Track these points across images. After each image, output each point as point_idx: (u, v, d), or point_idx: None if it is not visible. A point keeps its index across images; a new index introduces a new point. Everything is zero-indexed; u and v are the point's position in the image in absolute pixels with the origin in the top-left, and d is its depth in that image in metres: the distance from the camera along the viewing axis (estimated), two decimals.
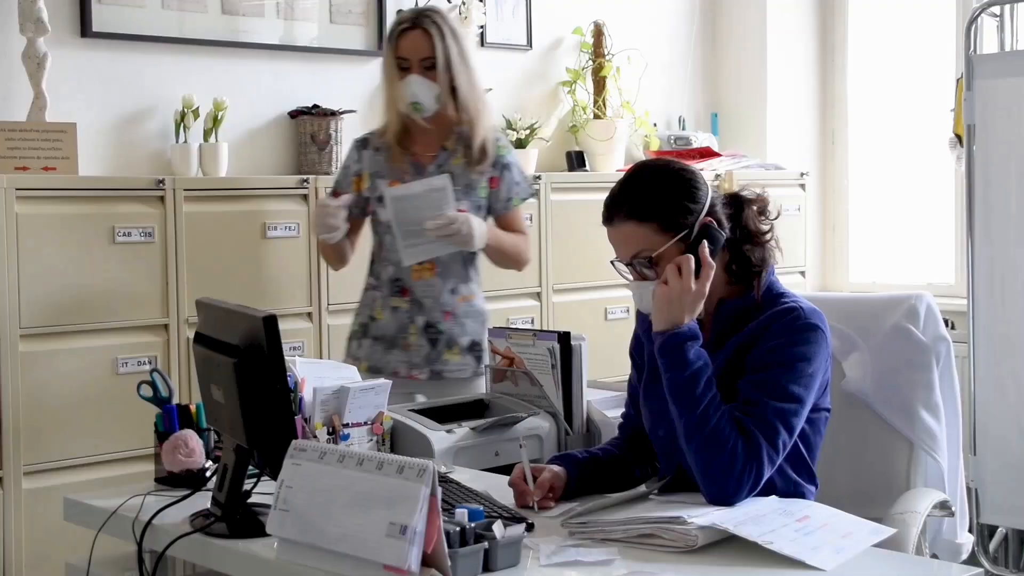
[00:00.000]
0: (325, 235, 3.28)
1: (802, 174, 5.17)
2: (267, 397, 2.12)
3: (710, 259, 2.24)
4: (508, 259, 3.40)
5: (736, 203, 2.36)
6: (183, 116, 3.77)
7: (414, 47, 3.26)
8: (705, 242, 2.24)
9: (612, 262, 2.33)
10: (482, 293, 3.40)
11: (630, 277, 2.31)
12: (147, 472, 2.62)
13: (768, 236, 2.35)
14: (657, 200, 2.26)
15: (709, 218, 2.27)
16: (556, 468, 2.33)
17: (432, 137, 3.34)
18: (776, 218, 2.39)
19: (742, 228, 2.33)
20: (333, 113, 4.05)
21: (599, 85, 4.84)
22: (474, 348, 3.33)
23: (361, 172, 3.37)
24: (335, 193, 3.39)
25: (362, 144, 3.42)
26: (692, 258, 2.22)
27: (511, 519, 2.07)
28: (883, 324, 2.75)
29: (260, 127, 4.05)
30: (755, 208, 2.36)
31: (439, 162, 3.32)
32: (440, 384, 3.28)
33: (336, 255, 3.43)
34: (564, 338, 2.95)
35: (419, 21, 3.28)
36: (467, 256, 3.32)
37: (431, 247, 3.22)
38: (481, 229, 3.24)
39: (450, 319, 3.31)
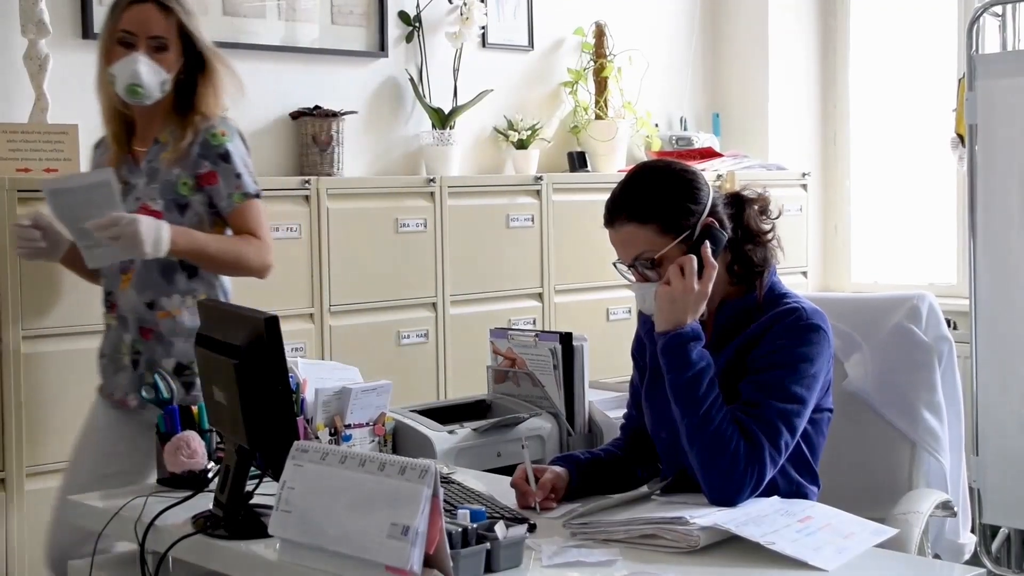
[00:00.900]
0: (23, 255, 2.98)
1: (804, 174, 5.17)
2: (269, 398, 2.12)
3: (712, 259, 2.24)
4: (224, 267, 2.89)
5: (737, 203, 2.36)
6: None
7: (145, 21, 2.83)
8: (707, 242, 2.24)
9: (614, 264, 2.33)
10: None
11: (632, 279, 2.31)
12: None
13: (770, 236, 2.36)
14: (658, 202, 2.25)
15: (711, 218, 2.27)
16: (558, 469, 2.33)
17: (149, 129, 2.92)
18: (777, 217, 2.39)
19: (743, 228, 2.33)
20: (335, 114, 4.05)
21: (600, 85, 4.84)
22: (183, 372, 2.85)
23: None
24: None
25: (96, 145, 3.08)
26: (694, 258, 2.22)
27: (513, 520, 2.07)
28: (885, 324, 2.75)
29: (261, 128, 4.05)
30: (756, 208, 2.36)
31: (149, 158, 2.89)
32: (153, 413, 2.68)
33: (81, 271, 3.03)
34: (566, 339, 2.95)
35: None
36: (168, 264, 2.85)
37: (107, 251, 2.77)
38: (155, 233, 2.71)
39: (151, 338, 2.87)
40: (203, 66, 2.88)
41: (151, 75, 2.81)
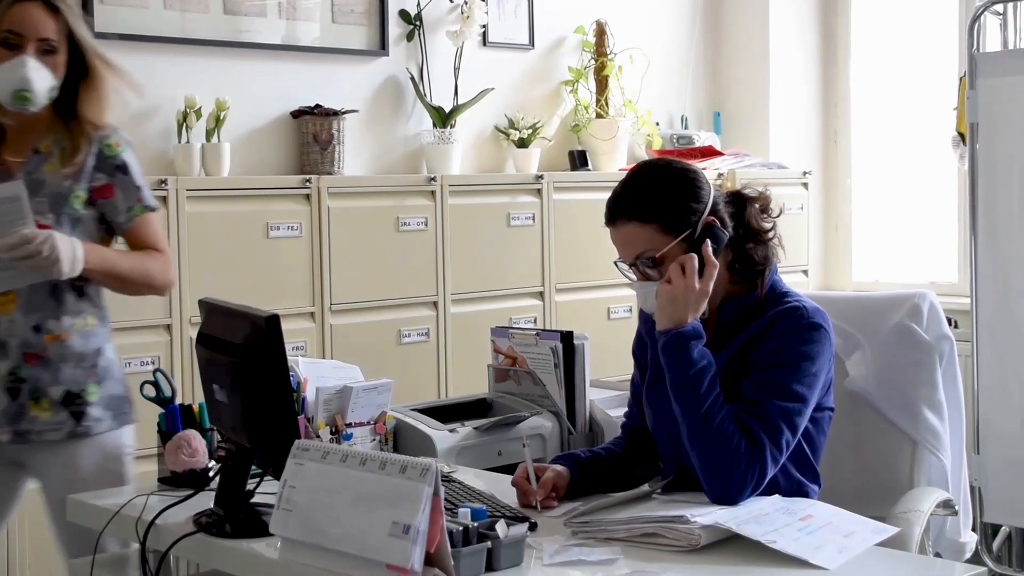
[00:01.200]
0: None
1: (805, 173, 5.17)
2: (270, 397, 2.12)
3: (713, 258, 2.24)
4: (131, 285, 2.63)
5: (738, 201, 2.35)
6: (185, 116, 3.77)
7: (33, 22, 2.53)
8: (708, 241, 2.24)
9: (616, 263, 2.33)
10: (99, 329, 2.62)
11: (633, 277, 2.31)
12: (150, 472, 2.62)
13: (771, 234, 2.35)
14: (659, 201, 2.25)
15: (712, 217, 2.27)
16: (559, 468, 2.33)
17: (25, 137, 2.60)
18: (778, 216, 2.39)
19: (744, 226, 2.33)
20: (335, 113, 4.05)
21: (601, 84, 4.84)
22: (73, 402, 2.56)
23: None
24: None
25: None
26: (695, 257, 2.22)
27: (514, 518, 2.07)
28: (886, 323, 2.75)
29: (262, 127, 4.05)
30: (757, 206, 2.36)
31: (29, 169, 2.56)
32: (28, 448, 2.58)
33: None
34: (567, 337, 2.95)
35: None
36: (57, 283, 2.53)
37: (13, 275, 2.48)
38: (72, 251, 2.47)
39: (36, 364, 2.54)
40: (86, 72, 2.61)
41: (41, 80, 2.52)
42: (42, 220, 2.51)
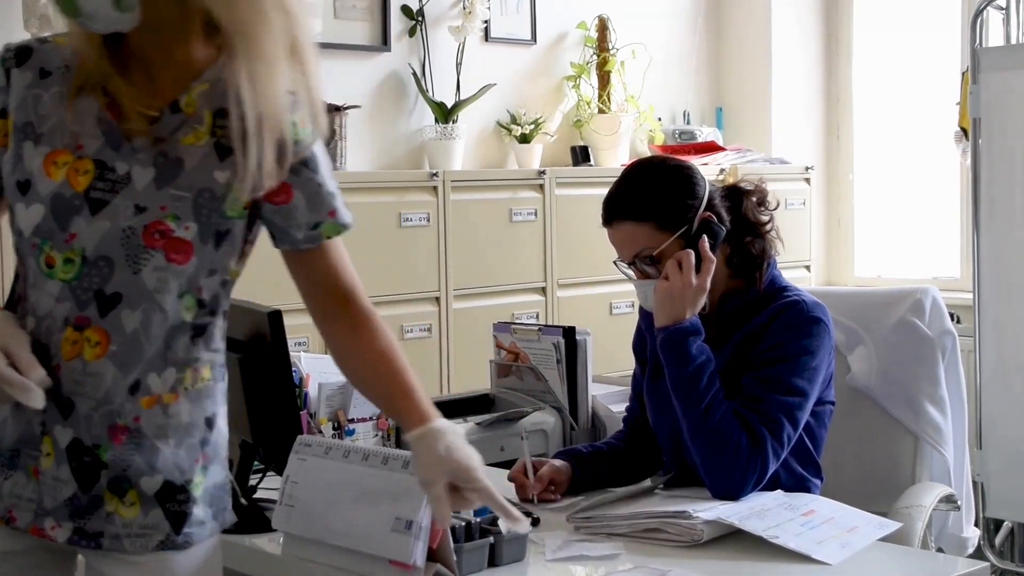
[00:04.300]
0: None
1: (807, 168, 5.17)
2: (272, 392, 2.12)
3: (710, 253, 2.24)
4: None
5: (735, 195, 2.35)
6: None
7: None
8: (705, 237, 2.24)
9: (615, 262, 2.33)
10: (214, 385, 1.75)
11: (633, 276, 2.31)
12: None
13: (768, 227, 2.35)
14: (654, 199, 2.25)
15: (708, 213, 2.27)
16: (557, 463, 2.33)
17: (158, 76, 1.63)
18: (776, 208, 2.39)
19: (742, 220, 2.33)
20: (338, 108, 4.04)
21: (603, 80, 4.84)
22: (172, 496, 1.68)
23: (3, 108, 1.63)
24: None
25: (19, 55, 1.64)
26: (692, 253, 2.22)
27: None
28: (888, 318, 2.74)
29: None
30: (754, 199, 2.36)
31: (160, 133, 1.63)
32: (95, 557, 1.70)
33: None
34: (569, 333, 2.95)
35: None
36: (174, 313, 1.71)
37: None
38: None
39: (124, 441, 1.64)
40: None
41: None
42: (178, 231, 1.64)
